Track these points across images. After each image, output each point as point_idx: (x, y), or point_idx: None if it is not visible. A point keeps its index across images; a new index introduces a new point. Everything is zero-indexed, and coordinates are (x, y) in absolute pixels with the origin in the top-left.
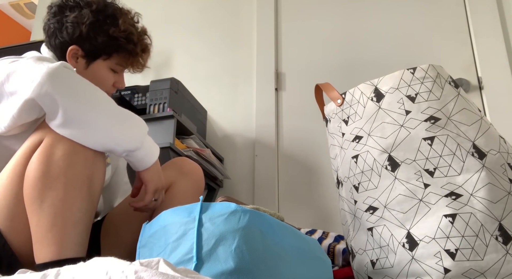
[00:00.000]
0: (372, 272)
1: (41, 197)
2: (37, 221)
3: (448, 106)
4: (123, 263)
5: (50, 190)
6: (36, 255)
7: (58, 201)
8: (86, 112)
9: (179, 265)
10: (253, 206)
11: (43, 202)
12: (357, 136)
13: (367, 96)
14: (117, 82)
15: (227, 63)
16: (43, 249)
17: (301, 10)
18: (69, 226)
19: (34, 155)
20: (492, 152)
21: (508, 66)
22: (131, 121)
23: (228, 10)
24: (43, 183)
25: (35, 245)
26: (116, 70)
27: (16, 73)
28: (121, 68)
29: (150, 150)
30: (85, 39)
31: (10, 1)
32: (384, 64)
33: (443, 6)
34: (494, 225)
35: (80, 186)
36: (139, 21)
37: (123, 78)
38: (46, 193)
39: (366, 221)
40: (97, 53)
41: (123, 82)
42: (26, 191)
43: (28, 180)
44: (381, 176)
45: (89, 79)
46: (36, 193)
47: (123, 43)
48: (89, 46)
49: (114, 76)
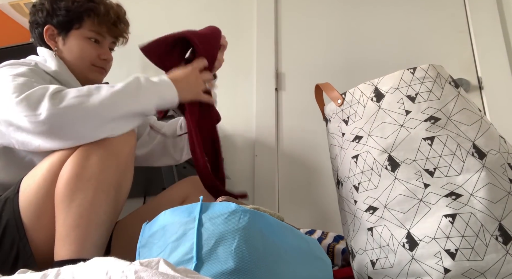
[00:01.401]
0: (372, 272)
1: (71, 197)
2: (64, 219)
3: (448, 106)
4: (123, 263)
5: (81, 191)
6: (56, 252)
7: (86, 202)
8: (84, 125)
9: (179, 265)
10: (253, 206)
11: (72, 202)
12: (357, 136)
13: (367, 96)
14: (101, 53)
15: (227, 63)
16: (64, 246)
17: (301, 10)
18: (92, 227)
19: (71, 157)
20: (492, 152)
21: (508, 66)
22: (125, 100)
23: (228, 10)
24: (75, 183)
25: (57, 242)
26: (96, 39)
27: None
28: (99, 37)
29: (162, 95)
30: (52, 14)
31: (10, 1)
32: (384, 64)
33: (443, 6)
34: (494, 225)
35: (108, 190)
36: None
37: (107, 48)
38: (76, 193)
39: (366, 221)
40: (67, 24)
41: (107, 52)
42: (58, 190)
43: (62, 179)
44: (381, 176)
45: (70, 54)
46: (67, 192)
47: (84, 3)
48: (57, 20)
49: (97, 48)
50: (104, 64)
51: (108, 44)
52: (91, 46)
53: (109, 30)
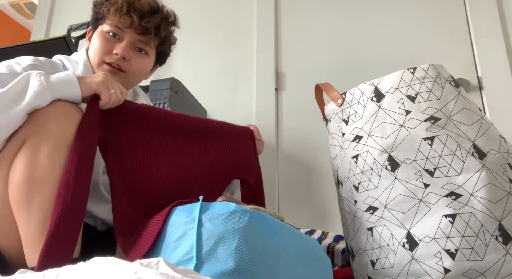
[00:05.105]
0: (372, 272)
1: (28, 201)
2: (26, 225)
3: (448, 106)
4: (123, 263)
5: (36, 194)
6: (27, 259)
7: (46, 204)
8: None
9: (179, 265)
10: (253, 206)
11: (31, 206)
12: (357, 136)
13: (367, 96)
14: (116, 48)
15: (227, 63)
16: (34, 253)
17: (301, 10)
18: None
19: (17, 158)
20: (492, 152)
21: (508, 66)
22: None
23: (228, 10)
24: (28, 187)
25: (25, 249)
26: (115, 33)
27: None
28: (118, 31)
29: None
30: (91, 16)
31: (10, 1)
32: (384, 64)
33: (443, 6)
34: (494, 225)
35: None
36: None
37: (127, 45)
38: (32, 197)
39: (366, 221)
40: (95, 21)
41: (122, 47)
42: (12, 196)
43: (12, 184)
44: (381, 176)
45: (90, 52)
46: (22, 197)
47: None
48: (91, 18)
49: (113, 43)
50: (118, 62)
51: (135, 42)
52: (106, 40)
53: (127, 22)
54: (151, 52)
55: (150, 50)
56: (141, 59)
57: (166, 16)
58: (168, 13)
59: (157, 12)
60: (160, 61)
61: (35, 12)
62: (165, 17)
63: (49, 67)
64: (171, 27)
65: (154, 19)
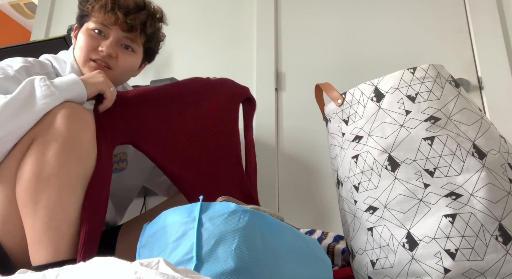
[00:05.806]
0: (372, 272)
1: (34, 199)
2: (32, 224)
3: (448, 106)
4: (123, 263)
5: (43, 192)
6: (32, 257)
7: (52, 203)
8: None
9: (179, 265)
10: (253, 206)
11: (37, 204)
12: (357, 136)
13: (367, 96)
14: (102, 45)
15: (227, 63)
16: (39, 251)
17: (301, 10)
18: (64, 227)
19: (25, 157)
20: (492, 152)
21: (508, 66)
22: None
23: (228, 10)
24: (35, 185)
25: (30, 248)
26: (100, 30)
27: None
28: (103, 27)
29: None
30: (77, 13)
31: (10, 1)
32: (384, 64)
33: (443, 6)
34: (494, 225)
35: (74, 186)
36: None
37: (113, 42)
38: (39, 195)
39: (366, 221)
40: (81, 19)
41: (107, 44)
42: (19, 194)
43: (20, 182)
44: (381, 176)
45: (75, 50)
46: (29, 196)
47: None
48: (77, 15)
49: (98, 40)
50: (105, 59)
51: (120, 39)
52: (92, 38)
53: (111, 19)
54: (138, 49)
55: (136, 47)
56: (127, 57)
57: (152, 13)
58: (155, 10)
59: (143, 9)
60: (148, 58)
61: (35, 12)
62: (151, 14)
63: (39, 67)
64: (158, 23)
65: (140, 16)
